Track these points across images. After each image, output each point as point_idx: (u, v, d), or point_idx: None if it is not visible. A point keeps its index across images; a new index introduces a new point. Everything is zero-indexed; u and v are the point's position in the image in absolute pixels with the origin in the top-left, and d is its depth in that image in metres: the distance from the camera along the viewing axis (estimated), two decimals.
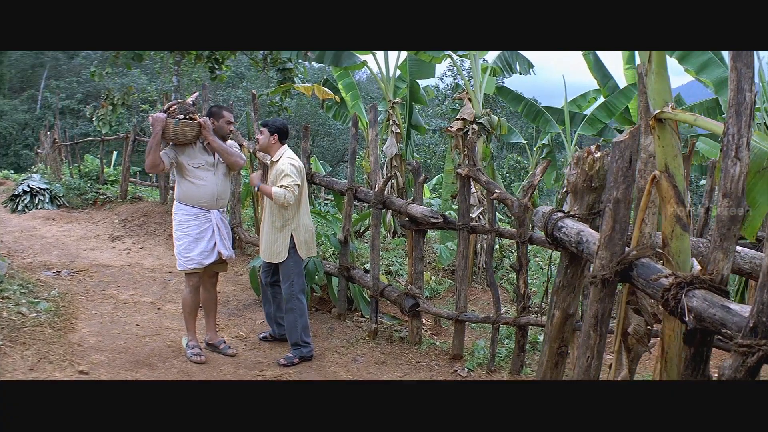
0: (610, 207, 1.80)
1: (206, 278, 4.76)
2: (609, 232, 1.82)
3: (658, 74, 2.02)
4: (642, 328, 1.99)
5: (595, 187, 2.21)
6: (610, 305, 1.87)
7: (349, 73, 10.54)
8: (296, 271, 4.76)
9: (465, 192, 4.85)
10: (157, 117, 4.36)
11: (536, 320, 4.94)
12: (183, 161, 4.48)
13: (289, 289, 4.73)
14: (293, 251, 4.73)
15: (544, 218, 2.35)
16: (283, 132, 4.76)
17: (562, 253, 2.33)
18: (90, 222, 10.53)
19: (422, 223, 5.00)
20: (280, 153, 4.72)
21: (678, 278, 1.55)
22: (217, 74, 11.05)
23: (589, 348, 1.85)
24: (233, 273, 7.19)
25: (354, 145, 5.66)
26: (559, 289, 2.30)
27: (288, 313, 4.76)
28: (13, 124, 31.82)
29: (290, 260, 4.72)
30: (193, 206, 4.50)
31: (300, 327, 4.76)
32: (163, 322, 5.60)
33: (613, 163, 1.80)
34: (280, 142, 4.74)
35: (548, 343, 2.33)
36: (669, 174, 1.96)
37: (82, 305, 5.88)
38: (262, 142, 4.74)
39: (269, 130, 4.72)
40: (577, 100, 12.90)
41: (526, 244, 4.73)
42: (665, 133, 1.98)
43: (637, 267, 1.77)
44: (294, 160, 4.69)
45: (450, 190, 7.62)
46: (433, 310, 5.15)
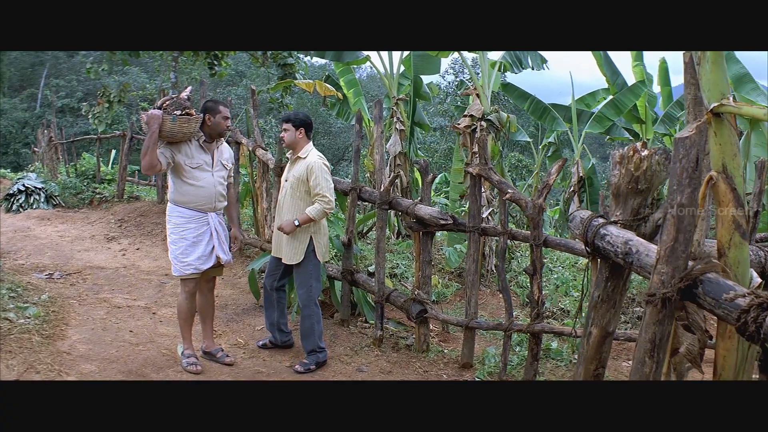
0: (673, 214, 1.54)
1: (203, 283, 4.50)
2: (671, 243, 1.57)
3: (714, 63, 1.76)
4: (695, 348, 1.73)
5: (641, 190, 1.95)
6: (670, 328, 1.61)
7: (352, 70, 10.29)
8: (315, 275, 4.53)
9: (476, 192, 4.59)
10: (152, 114, 4.09)
11: (551, 327, 4.69)
12: (180, 161, 4.22)
13: (308, 295, 4.49)
14: (312, 254, 4.48)
15: (583, 225, 2.08)
16: (309, 125, 4.51)
17: (602, 264, 2.07)
18: (85, 222, 10.27)
19: (430, 225, 4.74)
20: (307, 150, 4.47)
21: (759, 298, 1.30)
22: (216, 70, 10.80)
23: (644, 377, 1.60)
24: (231, 275, 6.95)
25: (358, 142, 5.39)
26: (598, 305, 2.04)
27: (305, 320, 4.53)
28: (12, 122, 31.86)
29: (309, 264, 4.48)
30: (190, 208, 4.24)
31: (317, 333, 4.53)
32: (158, 328, 5.34)
33: (676, 162, 1.54)
34: (306, 136, 4.50)
35: (584, 365, 2.07)
36: (727, 175, 1.71)
37: (73, 310, 5.63)
38: (288, 138, 4.48)
39: (294, 124, 4.46)
40: (585, 99, 12.63)
41: (541, 247, 4.48)
42: (723, 130, 1.73)
43: (703, 283, 1.52)
44: (324, 159, 4.47)
45: (458, 190, 7.34)
46: (442, 316, 4.90)
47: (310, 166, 4.35)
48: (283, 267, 4.65)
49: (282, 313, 4.81)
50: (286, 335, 4.88)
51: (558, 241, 4.61)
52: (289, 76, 9.86)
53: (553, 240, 4.56)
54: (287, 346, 4.89)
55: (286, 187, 4.55)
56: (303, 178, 4.38)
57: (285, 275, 4.74)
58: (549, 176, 4.43)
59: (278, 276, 4.71)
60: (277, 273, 4.70)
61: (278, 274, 4.71)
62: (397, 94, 8.73)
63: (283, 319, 4.83)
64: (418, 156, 8.95)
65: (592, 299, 2.08)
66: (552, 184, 4.47)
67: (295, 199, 4.47)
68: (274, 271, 4.71)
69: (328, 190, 4.34)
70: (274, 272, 4.71)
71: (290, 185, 4.50)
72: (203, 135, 4.31)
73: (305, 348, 4.56)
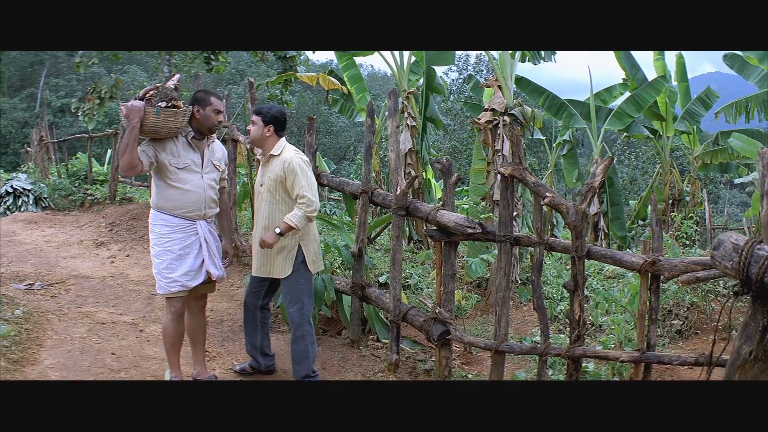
0: None
1: (192, 301, 3.88)
2: None
3: None
4: None
5: None
6: None
7: (356, 64, 9.71)
8: (307, 290, 3.89)
9: (508, 196, 3.97)
10: (132, 106, 3.46)
11: (594, 351, 4.08)
12: (164, 160, 3.60)
13: (300, 313, 3.85)
14: (302, 265, 3.85)
15: (741, 255, 1.42)
16: (280, 122, 3.83)
17: (758, 307, 1.43)
18: (75, 226, 9.66)
19: (455, 234, 4.12)
20: (280, 146, 3.83)
21: None
22: (213, 65, 10.18)
23: None
24: (228, 286, 6.33)
25: (370, 138, 4.75)
26: (748, 364, 1.42)
27: (297, 342, 3.88)
28: (12, 122, 31.66)
29: (300, 277, 3.84)
30: (175, 216, 3.62)
31: (312, 357, 3.91)
32: (144, 349, 4.74)
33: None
34: (276, 134, 3.83)
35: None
36: None
37: (51, 327, 5.02)
38: (254, 133, 3.83)
39: (264, 119, 3.80)
40: (601, 94, 12.03)
41: (583, 259, 3.86)
42: None
43: None
44: (301, 154, 3.81)
45: (479, 192, 6.66)
46: (468, 338, 4.27)
47: (286, 164, 3.70)
48: (267, 283, 4.02)
49: (266, 334, 4.17)
50: (270, 359, 4.27)
51: (603, 252, 3.98)
52: (290, 69, 9.22)
53: (598, 251, 3.94)
54: (270, 371, 4.27)
55: (262, 192, 3.88)
56: (280, 178, 3.74)
57: (270, 292, 4.11)
58: (594, 178, 3.82)
59: (262, 293, 4.08)
60: (261, 290, 4.07)
61: (262, 291, 4.07)
62: (408, 86, 8.08)
63: (266, 341, 4.19)
64: (431, 155, 8.30)
65: (738, 356, 1.46)
66: (597, 188, 3.86)
67: (275, 204, 3.82)
68: (257, 288, 4.07)
69: (310, 190, 3.69)
70: (257, 289, 4.07)
71: (267, 189, 3.84)
72: (192, 131, 3.69)
73: (297, 374, 3.91)
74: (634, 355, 3.86)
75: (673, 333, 5.98)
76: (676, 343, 5.96)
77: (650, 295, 3.87)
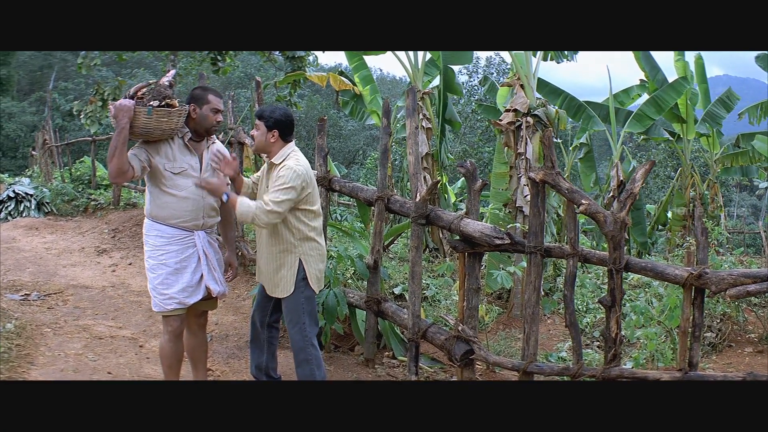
0: None
1: (191, 319, 3.53)
2: None
3: None
4: None
5: None
6: None
7: (367, 65, 9.37)
8: (309, 309, 3.50)
9: (539, 203, 3.60)
10: (121, 105, 3.11)
11: (632, 372, 3.70)
12: (158, 164, 3.24)
13: (301, 335, 3.47)
14: (303, 283, 3.46)
15: None
16: (286, 126, 3.42)
17: None
18: (77, 232, 9.39)
19: (480, 245, 3.75)
20: (283, 154, 3.43)
21: None
22: (219, 66, 9.88)
23: None
24: (234, 298, 6.00)
25: (386, 141, 4.37)
26: None
27: (302, 366, 3.51)
28: (21, 126, 31.63)
29: (300, 296, 3.45)
30: (171, 225, 3.27)
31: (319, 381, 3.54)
32: (143, 367, 4.41)
33: None
34: (282, 139, 3.41)
35: None
36: None
37: (45, 342, 4.70)
38: (258, 139, 3.44)
39: (267, 123, 3.39)
40: (618, 96, 11.64)
41: (621, 272, 3.49)
42: None
43: None
44: (300, 165, 3.36)
45: (501, 198, 6.25)
46: (493, 358, 3.90)
47: (281, 171, 3.32)
48: (274, 299, 3.66)
49: (272, 355, 3.78)
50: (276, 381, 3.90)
51: (642, 264, 3.61)
52: (299, 69, 8.89)
53: (637, 263, 3.56)
54: None
55: None
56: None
57: (278, 308, 3.71)
58: (634, 184, 3.46)
59: (270, 309, 3.67)
60: (269, 305, 3.65)
61: (269, 306, 3.66)
62: (423, 86, 7.71)
63: (273, 362, 3.79)
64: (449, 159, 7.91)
65: None
66: (638, 194, 3.50)
67: None
68: (265, 303, 3.67)
69: (279, 205, 3.24)
70: (265, 304, 3.67)
71: None
72: (189, 132, 3.35)
73: None
74: (676, 375, 3.51)
75: (705, 346, 5.60)
76: (710, 357, 5.58)
77: (694, 310, 3.52)
